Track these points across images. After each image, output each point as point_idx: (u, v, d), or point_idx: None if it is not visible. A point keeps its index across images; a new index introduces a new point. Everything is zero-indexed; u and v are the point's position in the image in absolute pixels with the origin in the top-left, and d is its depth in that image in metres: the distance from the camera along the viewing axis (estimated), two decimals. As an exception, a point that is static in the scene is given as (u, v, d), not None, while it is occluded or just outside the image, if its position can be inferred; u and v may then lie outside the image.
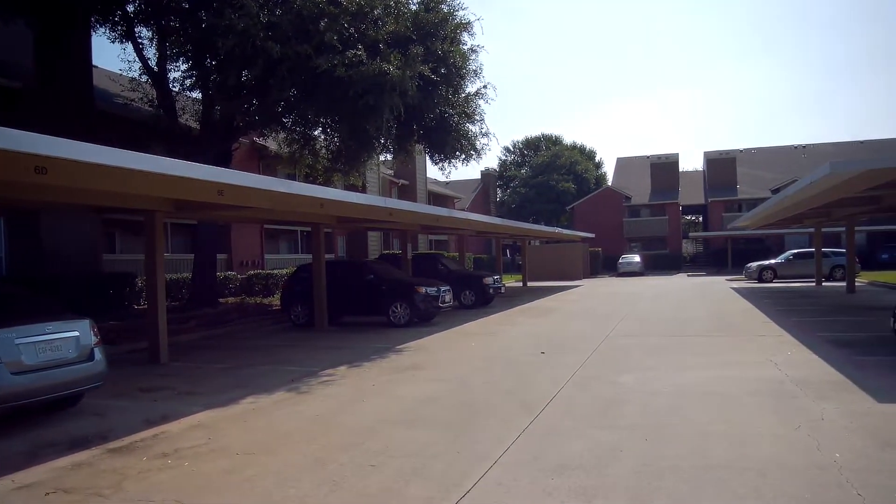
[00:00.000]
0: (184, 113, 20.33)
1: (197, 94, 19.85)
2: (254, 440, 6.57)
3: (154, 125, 19.37)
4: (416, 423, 7.12)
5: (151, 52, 19.05)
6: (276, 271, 26.51)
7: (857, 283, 26.31)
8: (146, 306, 13.04)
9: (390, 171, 40.02)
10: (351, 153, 20.37)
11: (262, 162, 27.28)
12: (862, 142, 55.94)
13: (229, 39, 14.58)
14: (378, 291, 17.08)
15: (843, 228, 28.30)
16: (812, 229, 30.86)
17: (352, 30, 16.11)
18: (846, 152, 52.04)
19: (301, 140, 21.50)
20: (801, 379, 8.64)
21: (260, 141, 25.42)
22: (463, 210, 45.08)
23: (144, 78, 19.28)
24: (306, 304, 17.07)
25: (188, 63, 17.95)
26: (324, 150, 22.54)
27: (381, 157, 27.78)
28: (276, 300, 21.87)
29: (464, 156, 22.27)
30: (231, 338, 15.39)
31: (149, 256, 11.96)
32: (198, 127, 19.92)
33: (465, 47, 20.29)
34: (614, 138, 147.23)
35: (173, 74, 19.11)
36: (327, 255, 18.70)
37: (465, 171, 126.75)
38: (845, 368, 9.21)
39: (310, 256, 17.97)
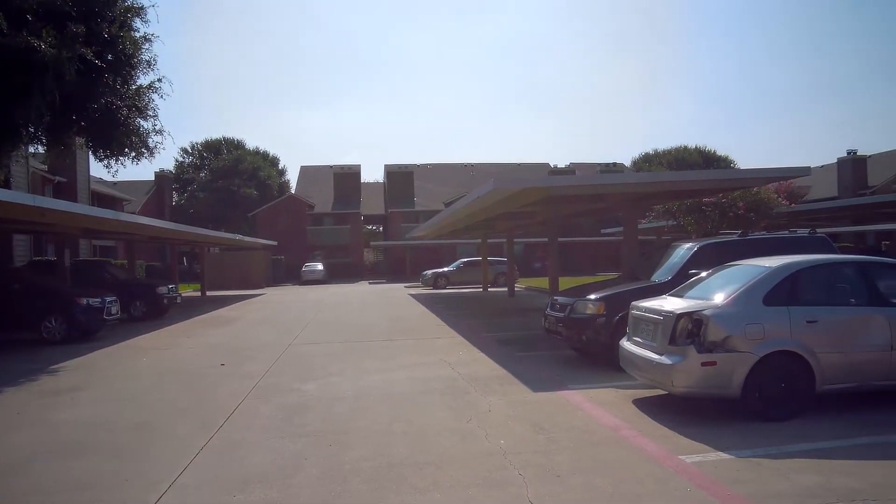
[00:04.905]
0: None
1: None
2: None
3: None
4: (77, 452, 6.24)
5: None
6: None
7: (516, 288, 29.94)
8: None
9: (43, 166, 35.08)
10: (-10, 142, 17.33)
11: None
12: (519, 164, 63.67)
13: None
14: (27, 303, 14.77)
15: (505, 240, 31.81)
16: (479, 240, 34.27)
17: (-13, -7, 13.76)
18: (507, 172, 58.84)
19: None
20: (471, 376, 9.45)
21: None
22: (133, 213, 41.36)
23: None
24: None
25: None
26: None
27: (32, 149, 24.19)
28: None
29: (134, 153, 20.36)
30: None
31: None
32: None
33: (138, 34, 18.64)
34: (299, 147, 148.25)
35: None
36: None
37: (137, 171, 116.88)
38: (507, 364, 10.32)
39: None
